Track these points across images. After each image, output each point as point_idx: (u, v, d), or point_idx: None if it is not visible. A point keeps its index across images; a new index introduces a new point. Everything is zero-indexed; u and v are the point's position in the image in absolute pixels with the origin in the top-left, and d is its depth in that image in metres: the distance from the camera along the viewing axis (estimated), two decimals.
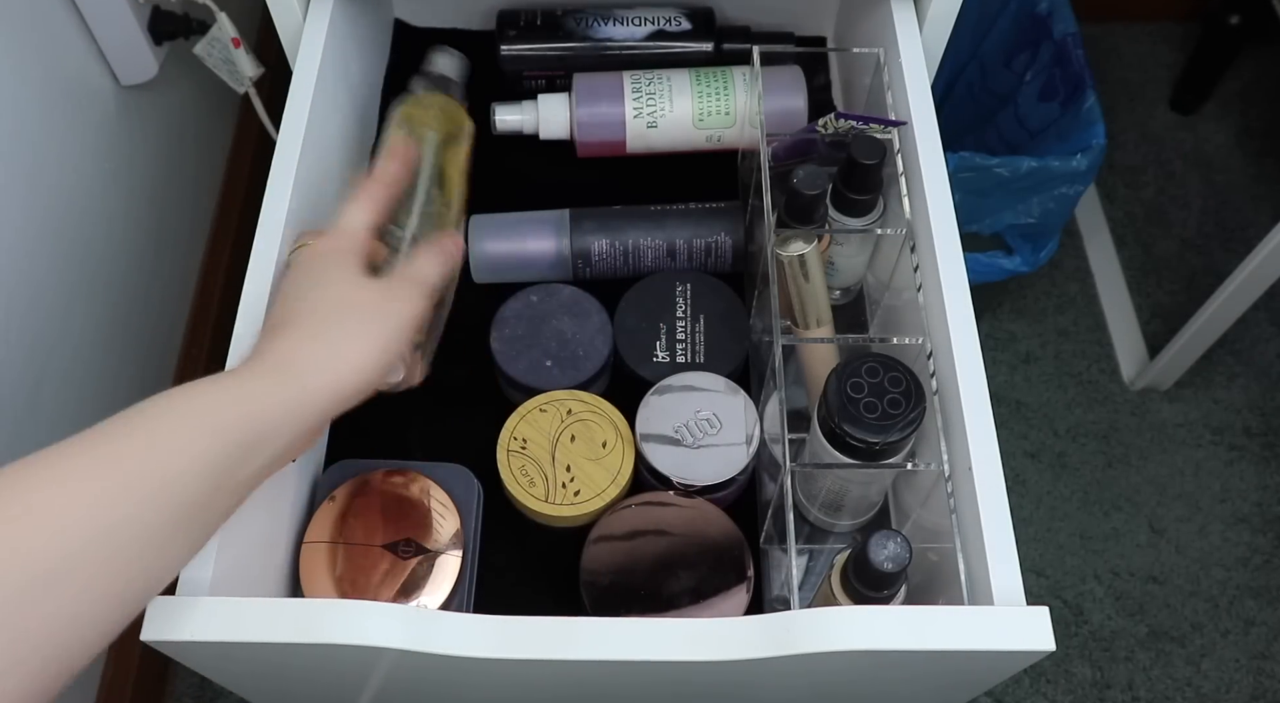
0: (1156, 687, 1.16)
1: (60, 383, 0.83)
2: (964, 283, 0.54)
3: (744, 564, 0.56)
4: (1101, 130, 1.09)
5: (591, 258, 0.68)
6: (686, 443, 0.59)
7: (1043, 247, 1.21)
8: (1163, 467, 1.30)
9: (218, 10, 0.89)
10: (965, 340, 0.52)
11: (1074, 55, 1.16)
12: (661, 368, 0.63)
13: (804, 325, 0.60)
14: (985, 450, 0.49)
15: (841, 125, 0.62)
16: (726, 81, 0.72)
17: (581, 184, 0.74)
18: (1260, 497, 1.28)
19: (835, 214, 0.61)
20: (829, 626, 0.43)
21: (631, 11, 0.75)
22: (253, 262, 0.55)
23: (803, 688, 0.50)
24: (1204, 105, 1.58)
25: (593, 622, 0.44)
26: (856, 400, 0.51)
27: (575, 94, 0.72)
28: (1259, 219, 1.48)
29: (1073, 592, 1.22)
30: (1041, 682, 1.16)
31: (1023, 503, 1.27)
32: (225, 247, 1.18)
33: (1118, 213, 1.49)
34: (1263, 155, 1.53)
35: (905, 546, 0.46)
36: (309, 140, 0.60)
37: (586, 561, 0.56)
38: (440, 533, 0.56)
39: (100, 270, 0.91)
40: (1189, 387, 1.34)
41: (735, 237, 0.68)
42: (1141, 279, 1.44)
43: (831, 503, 0.59)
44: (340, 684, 0.51)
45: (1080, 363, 1.38)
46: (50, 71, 0.82)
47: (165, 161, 1.04)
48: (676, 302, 0.65)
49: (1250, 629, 1.19)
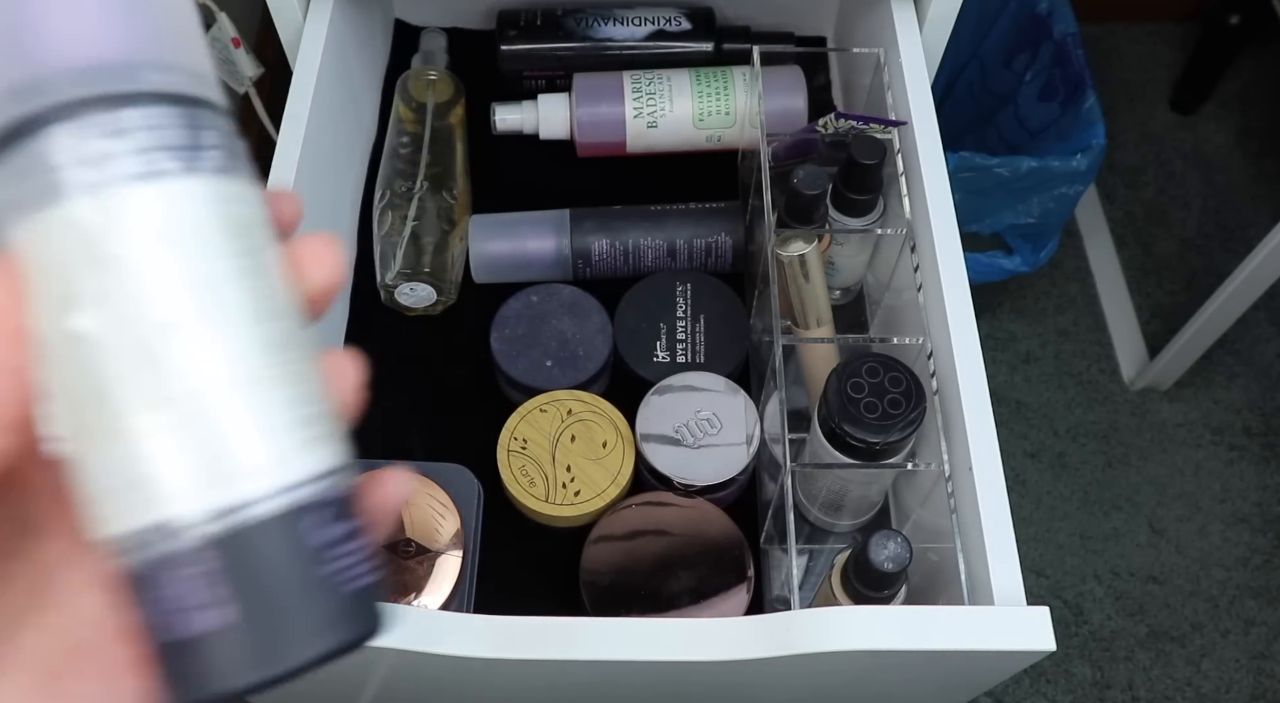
0: (1156, 687, 1.16)
1: None
2: (964, 283, 0.54)
3: (744, 564, 0.56)
4: (1101, 130, 1.09)
5: (591, 258, 0.68)
6: (686, 443, 0.59)
7: (1043, 247, 1.21)
8: (1163, 467, 1.30)
9: (218, 10, 0.89)
10: (965, 340, 0.52)
11: (1074, 55, 1.16)
12: (661, 368, 0.63)
13: (804, 325, 0.60)
14: (985, 450, 0.49)
15: (841, 125, 0.62)
16: (726, 81, 0.72)
17: (581, 184, 0.74)
18: (1260, 497, 1.28)
19: (835, 214, 0.61)
20: (829, 626, 0.43)
21: (631, 11, 0.75)
22: None
23: (803, 688, 0.50)
24: (1204, 105, 1.58)
25: (593, 622, 0.44)
26: (856, 400, 0.51)
27: (575, 94, 0.72)
28: (1259, 219, 1.48)
29: (1073, 592, 1.22)
30: (1041, 682, 1.16)
31: (1023, 503, 1.27)
32: None
33: (1118, 213, 1.49)
34: (1263, 155, 1.53)
35: (905, 546, 0.46)
36: (309, 140, 0.60)
37: (586, 561, 0.56)
38: (440, 533, 0.56)
39: None
40: (1189, 387, 1.34)
41: (735, 237, 0.68)
42: (1141, 279, 1.44)
43: (831, 503, 0.59)
44: (340, 684, 0.51)
45: (1080, 363, 1.38)
46: None
47: None
48: (676, 302, 0.65)
49: (1250, 629, 1.19)
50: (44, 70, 0.20)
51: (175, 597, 0.20)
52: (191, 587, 0.20)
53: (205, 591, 0.20)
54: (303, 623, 0.21)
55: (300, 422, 0.21)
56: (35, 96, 0.20)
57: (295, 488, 0.21)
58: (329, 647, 0.21)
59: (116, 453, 0.20)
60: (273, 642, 0.20)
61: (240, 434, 0.20)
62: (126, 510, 0.20)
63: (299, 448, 0.21)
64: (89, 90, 0.20)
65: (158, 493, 0.20)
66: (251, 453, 0.20)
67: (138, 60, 0.21)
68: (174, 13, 0.22)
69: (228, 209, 0.21)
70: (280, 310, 0.22)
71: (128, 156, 0.20)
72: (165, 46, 0.22)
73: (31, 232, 0.20)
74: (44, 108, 0.20)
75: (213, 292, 0.21)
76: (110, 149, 0.20)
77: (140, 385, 0.20)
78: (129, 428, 0.20)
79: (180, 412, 0.20)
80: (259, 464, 0.21)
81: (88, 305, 0.20)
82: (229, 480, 0.20)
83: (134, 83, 0.21)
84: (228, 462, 0.20)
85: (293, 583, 0.21)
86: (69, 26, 0.21)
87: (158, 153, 0.21)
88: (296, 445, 0.21)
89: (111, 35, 0.21)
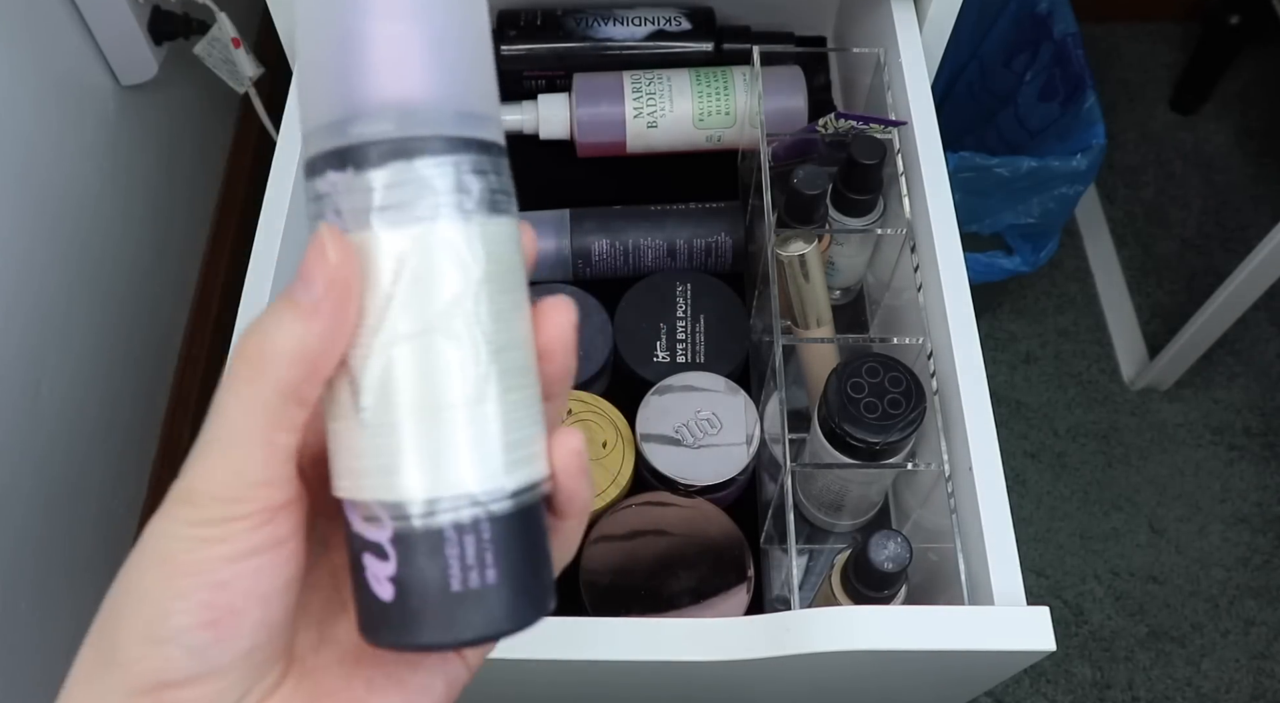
0: (1156, 687, 1.16)
1: (60, 383, 0.83)
2: (964, 283, 0.54)
3: (744, 564, 0.56)
4: (1101, 130, 1.09)
5: (591, 258, 0.68)
6: (687, 443, 0.59)
7: (1043, 247, 1.21)
8: (1163, 467, 1.30)
9: (218, 10, 0.89)
10: (965, 340, 0.52)
11: (1074, 55, 1.16)
12: (661, 368, 0.63)
13: (804, 325, 0.60)
14: (985, 450, 0.49)
15: (841, 125, 0.62)
16: (726, 81, 0.72)
17: (581, 184, 0.74)
18: (1260, 497, 1.28)
19: (835, 214, 0.61)
20: (829, 626, 0.43)
21: (631, 11, 0.75)
22: (253, 262, 0.55)
23: (803, 688, 0.50)
24: (1204, 105, 1.58)
25: (593, 622, 0.44)
26: (856, 400, 0.51)
27: (575, 94, 0.72)
28: (1259, 219, 1.48)
29: (1073, 592, 1.22)
30: (1041, 682, 1.16)
31: (1023, 503, 1.27)
32: (225, 247, 1.18)
33: (1118, 213, 1.49)
34: (1263, 155, 1.53)
35: (905, 546, 0.46)
36: None
37: (586, 561, 0.56)
38: None
39: (100, 270, 0.91)
40: (1189, 387, 1.34)
41: (735, 237, 0.68)
42: (1141, 279, 1.44)
43: (831, 503, 0.59)
44: None
45: (1080, 363, 1.38)
46: (49, 71, 0.82)
47: (165, 162, 1.04)
48: (676, 302, 0.65)
49: (1250, 629, 1.19)
50: (425, 102, 0.24)
51: (462, 556, 0.24)
52: (478, 549, 0.24)
53: (489, 554, 0.24)
54: (538, 589, 0.25)
55: (542, 429, 0.26)
56: (415, 126, 0.23)
57: (545, 481, 0.26)
58: (546, 611, 0.25)
59: (433, 434, 0.24)
60: (521, 602, 0.24)
61: (530, 431, 0.25)
62: (429, 480, 0.24)
63: (541, 452, 0.26)
64: (458, 132, 0.24)
65: (462, 470, 0.24)
66: (533, 447, 0.25)
67: (472, 107, 0.25)
68: (487, 59, 0.25)
69: (515, 247, 0.25)
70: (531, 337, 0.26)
71: (448, 195, 0.24)
72: (486, 93, 0.25)
73: (372, 240, 0.24)
74: (423, 135, 0.23)
75: (509, 319, 0.25)
76: (433, 187, 0.24)
77: (465, 375, 0.24)
78: (449, 419, 0.24)
79: (491, 406, 0.24)
80: (537, 454, 0.25)
81: (409, 314, 0.24)
82: (517, 467, 0.25)
83: (477, 129, 0.24)
84: (521, 450, 0.25)
85: (538, 557, 0.25)
86: (432, 71, 0.24)
87: (468, 194, 0.24)
88: (541, 449, 0.26)
89: (455, 81, 0.24)
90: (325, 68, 0.24)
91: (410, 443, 0.24)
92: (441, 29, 0.24)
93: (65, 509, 0.84)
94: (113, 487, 0.93)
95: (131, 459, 0.97)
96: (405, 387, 0.24)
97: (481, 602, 0.24)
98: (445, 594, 0.24)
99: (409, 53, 0.24)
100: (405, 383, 0.24)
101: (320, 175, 0.24)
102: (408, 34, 0.23)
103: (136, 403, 0.98)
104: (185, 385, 1.07)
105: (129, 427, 0.96)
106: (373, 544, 0.24)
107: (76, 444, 0.85)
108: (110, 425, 0.91)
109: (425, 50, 0.24)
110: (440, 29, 0.24)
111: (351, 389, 0.24)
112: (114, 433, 0.92)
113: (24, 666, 0.77)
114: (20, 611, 0.77)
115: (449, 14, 0.24)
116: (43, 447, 0.80)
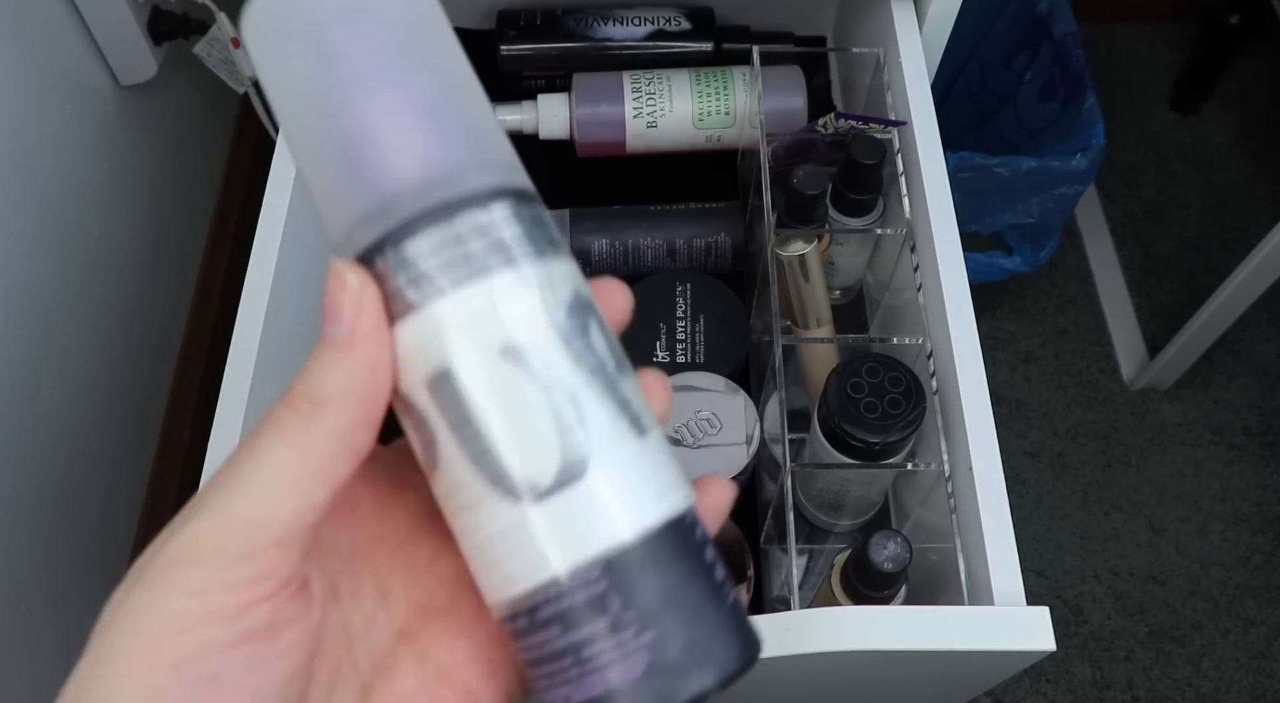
0: (1156, 687, 1.16)
1: (60, 383, 0.83)
2: (964, 283, 0.54)
3: (744, 564, 0.56)
4: (1101, 130, 1.09)
5: (591, 258, 0.68)
6: (686, 443, 0.59)
7: (1042, 247, 1.21)
8: (1163, 467, 1.30)
9: (217, 10, 0.89)
10: (965, 340, 0.52)
11: (1074, 55, 1.16)
12: (661, 368, 0.63)
13: (804, 325, 0.60)
14: (985, 450, 0.49)
15: (841, 125, 0.62)
16: (726, 81, 0.72)
17: (581, 184, 0.74)
18: (1260, 497, 1.28)
19: (835, 214, 0.61)
20: (829, 626, 0.43)
21: (631, 11, 0.75)
22: (253, 262, 0.55)
23: (803, 688, 0.50)
24: (1204, 105, 1.58)
25: None
26: (856, 400, 0.51)
27: (575, 94, 0.72)
28: (1259, 219, 1.47)
29: (1073, 592, 1.22)
30: (1041, 682, 1.16)
31: (1023, 503, 1.27)
32: (225, 247, 1.18)
33: (1118, 213, 1.49)
34: (1263, 155, 1.53)
35: (905, 546, 0.46)
36: None
37: None
38: None
39: (99, 270, 0.91)
40: (1189, 387, 1.34)
41: (735, 236, 0.68)
42: (1141, 279, 1.44)
43: (831, 503, 0.59)
44: None
45: (1080, 363, 1.38)
46: (49, 71, 0.82)
47: (165, 162, 1.04)
48: (676, 302, 0.65)
49: (1250, 629, 1.19)
50: (459, 167, 0.23)
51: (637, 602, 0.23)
52: (643, 593, 0.23)
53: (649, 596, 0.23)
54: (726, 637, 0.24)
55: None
56: (452, 186, 0.23)
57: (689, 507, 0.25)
58: (744, 663, 0.24)
59: (568, 503, 0.23)
60: (702, 656, 0.23)
61: (666, 468, 0.25)
62: (578, 541, 0.23)
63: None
64: (495, 180, 0.24)
65: (602, 527, 0.23)
66: (672, 477, 0.25)
67: (477, 165, 0.24)
68: (485, 114, 0.25)
69: (580, 283, 0.25)
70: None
71: (487, 253, 0.23)
72: (491, 146, 0.25)
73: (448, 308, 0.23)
74: (463, 194, 0.23)
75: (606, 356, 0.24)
76: (467, 249, 0.23)
77: (603, 412, 0.24)
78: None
79: (638, 445, 0.24)
80: (678, 482, 0.25)
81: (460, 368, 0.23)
82: (662, 496, 0.24)
83: (506, 176, 0.24)
84: (662, 481, 0.24)
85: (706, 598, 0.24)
86: (415, 149, 0.23)
87: (502, 247, 0.23)
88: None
89: (448, 147, 0.24)
90: (337, 174, 0.24)
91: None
92: (439, 96, 0.24)
93: (64, 509, 0.84)
94: (112, 487, 0.93)
95: (131, 460, 0.97)
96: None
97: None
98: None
99: (411, 130, 0.24)
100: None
101: (372, 264, 0.23)
102: (401, 110, 0.24)
103: (136, 404, 0.98)
104: (184, 386, 1.07)
105: (128, 427, 0.96)
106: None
107: (76, 445, 0.85)
108: (109, 426, 0.91)
109: (426, 118, 0.24)
110: (437, 96, 0.24)
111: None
112: (113, 434, 0.92)
113: (23, 666, 0.77)
114: (20, 612, 0.77)
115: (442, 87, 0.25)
116: (42, 447, 0.80)
